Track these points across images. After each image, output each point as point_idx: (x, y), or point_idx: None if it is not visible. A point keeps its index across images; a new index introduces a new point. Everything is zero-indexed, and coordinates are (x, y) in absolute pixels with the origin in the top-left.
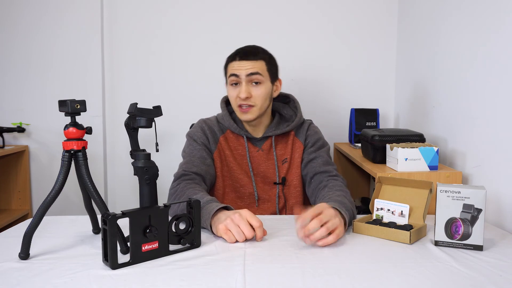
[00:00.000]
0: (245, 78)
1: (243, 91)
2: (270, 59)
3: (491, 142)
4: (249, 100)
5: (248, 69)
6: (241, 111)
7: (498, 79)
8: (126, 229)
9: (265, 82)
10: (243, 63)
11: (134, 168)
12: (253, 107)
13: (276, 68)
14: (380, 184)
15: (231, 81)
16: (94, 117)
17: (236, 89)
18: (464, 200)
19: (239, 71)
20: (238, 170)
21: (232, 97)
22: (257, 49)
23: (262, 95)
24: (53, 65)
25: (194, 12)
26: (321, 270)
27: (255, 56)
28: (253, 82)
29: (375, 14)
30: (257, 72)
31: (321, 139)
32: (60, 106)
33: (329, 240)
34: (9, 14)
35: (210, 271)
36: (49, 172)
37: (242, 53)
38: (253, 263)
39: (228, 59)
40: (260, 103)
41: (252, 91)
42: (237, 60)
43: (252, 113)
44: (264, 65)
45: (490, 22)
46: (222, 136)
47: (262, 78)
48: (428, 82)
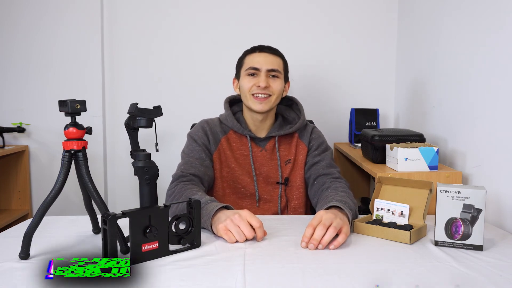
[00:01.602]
0: (265, 71)
1: (262, 80)
2: (285, 60)
3: (491, 142)
4: (267, 89)
5: (268, 64)
6: (257, 100)
7: (498, 79)
8: (126, 229)
9: (281, 78)
10: (264, 55)
11: (134, 168)
12: (269, 97)
13: (287, 71)
14: (380, 184)
15: (249, 72)
16: (94, 117)
17: (254, 79)
18: (464, 200)
19: (259, 64)
20: (239, 170)
21: (247, 87)
22: (276, 48)
23: (278, 88)
24: (53, 65)
25: (194, 12)
26: (321, 270)
27: (275, 51)
28: (271, 75)
29: (375, 14)
30: (277, 69)
31: (324, 143)
32: (60, 106)
33: (340, 241)
34: (9, 14)
35: (210, 271)
36: (49, 172)
37: (263, 46)
38: (253, 263)
39: (245, 52)
40: (275, 95)
41: (270, 82)
42: (258, 52)
43: (267, 103)
44: (281, 64)
45: (490, 22)
46: (224, 137)
47: (280, 74)
48: (428, 82)
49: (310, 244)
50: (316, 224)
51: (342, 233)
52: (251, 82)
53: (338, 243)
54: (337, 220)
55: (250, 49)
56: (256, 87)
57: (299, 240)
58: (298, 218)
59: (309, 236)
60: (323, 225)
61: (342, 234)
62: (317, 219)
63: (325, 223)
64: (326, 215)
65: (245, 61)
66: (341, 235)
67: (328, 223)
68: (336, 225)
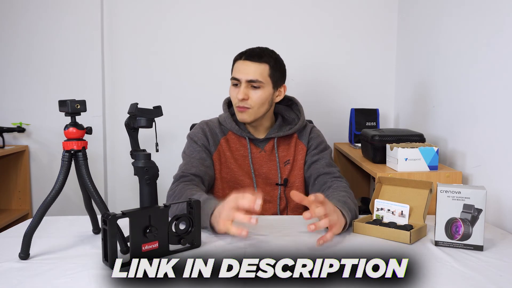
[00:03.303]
0: (244, 82)
1: (241, 92)
2: (275, 65)
3: (491, 142)
4: (245, 102)
5: (248, 75)
6: (239, 111)
7: (498, 79)
8: (126, 229)
9: (265, 87)
10: (246, 64)
11: (134, 168)
12: (248, 109)
13: (281, 74)
14: (380, 184)
15: (232, 82)
16: (94, 117)
17: (236, 89)
18: (464, 200)
19: (239, 75)
20: (239, 171)
21: (232, 97)
22: (263, 52)
23: (259, 100)
24: (53, 65)
25: (195, 12)
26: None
27: (259, 58)
28: (251, 86)
29: (375, 14)
30: (256, 79)
31: (323, 142)
32: (60, 106)
33: (327, 238)
34: (9, 14)
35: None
36: (49, 172)
37: (248, 53)
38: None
39: (234, 58)
40: (256, 107)
41: (250, 93)
42: (242, 59)
43: (247, 115)
44: (267, 70)
45: (490, 22)
46: (223, 137)
47: (262, 83)
48: (428, 82)
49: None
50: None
51: (331, 231)
52: (234, 92)
53: (326, 239)
54: (334, 216)
55: (238, 54)
56: (237, 100)
57: (299, 240)
58: (298, 218)
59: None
60: (324, 209)
61: (330, 232)
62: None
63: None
64: (329, 204)
65: (233, 67)
66: (329, 232)
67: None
68: (331, 219)
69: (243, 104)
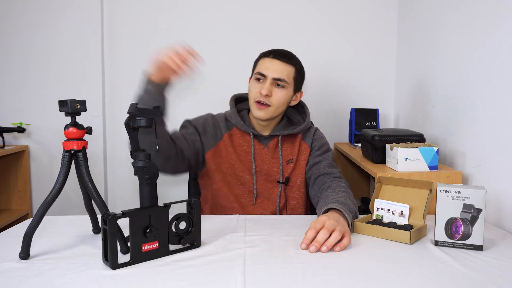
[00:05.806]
0: (270, 79)
1: (265, 88)
2: (300, 69)
3: (491, 142)
4: (267, 98)
5: (275, 73)
6: (257, 107)
7: (498, 79)
8: (126, 229)
9: (288, 88)
10: (275, 63)
11: (134, 168)
12: (269, 107)
13: (302, 80)
14: (380, 184)
15: (256, 77)
16: (94, 117)
17: (259, 85)
18: (464, 200)
19: (266, 72)
20: (240, 167)
21: (253, 91)
22: (292, 55)
23: (282, 99)
24: (53, 65)
25: (195, 13)
26: (321, 270)
27: (289, 60)
28: (276, 84)
29: (375, 14)
30: (283, 79)
31: (326, 144)
32: (60, 106)
33: (345, 243)
34: (9, 14)
35: (210, 271)
36: (49, 172)
37: (277, 52)
38: (253, 263)
39: (261, 55)
40: (276, 105)
41: (273, 91)
42: (270, 57)
43: (266, 112)
44: (293, 72)
45: (489, 22)
46: (227, 132)
47: (286, 84)
48: (428, 82)
49: (312, 247)
50: (319, 228)
51: (346, 237)
52: (256, 88)
53: (344, 245)
54: (340, 226)
55: (266, 52)
56: (259, 94)
57: (299, 240)
58: (298, 218)
59: (311, 238)
60: (326, 229)
61: (347, 237)
62: (320, 223)
63: (328, 228)
64: (329, 220)
65: (257, 64)
66: (345, 238)
67: (332, 228)
68: (340, 229)
69: (265, 101)
